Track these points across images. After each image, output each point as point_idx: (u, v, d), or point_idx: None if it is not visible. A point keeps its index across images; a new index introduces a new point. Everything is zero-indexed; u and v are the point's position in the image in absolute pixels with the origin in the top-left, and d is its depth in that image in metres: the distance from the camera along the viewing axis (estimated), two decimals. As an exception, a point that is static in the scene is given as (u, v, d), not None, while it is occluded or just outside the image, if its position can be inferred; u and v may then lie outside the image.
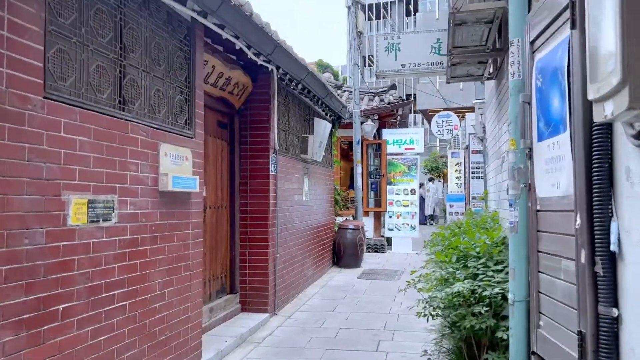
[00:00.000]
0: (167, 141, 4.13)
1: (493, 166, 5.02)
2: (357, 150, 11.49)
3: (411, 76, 5.91)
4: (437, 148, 37.98)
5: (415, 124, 32.69)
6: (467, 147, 16.09)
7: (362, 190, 12.45)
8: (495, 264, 3.70)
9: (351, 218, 11.85)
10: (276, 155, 6.70)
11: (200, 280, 4.68)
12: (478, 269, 3.67)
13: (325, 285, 8.57)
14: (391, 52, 6.69)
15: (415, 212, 12.82)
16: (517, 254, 3.03)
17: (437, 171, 24.29)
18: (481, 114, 10.28)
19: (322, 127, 8.13)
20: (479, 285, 3.49)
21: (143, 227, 3.78)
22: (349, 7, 11.46)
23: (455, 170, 20.81)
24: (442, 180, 26.14)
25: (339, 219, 11.42)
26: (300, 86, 7.50)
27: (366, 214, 12.96)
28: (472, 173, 15.18)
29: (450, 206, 20.57)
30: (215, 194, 6.06)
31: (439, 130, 16.50)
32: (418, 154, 13.08)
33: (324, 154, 8.67)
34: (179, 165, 4.23)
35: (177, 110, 4.37)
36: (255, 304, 6.47)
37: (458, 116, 16.73)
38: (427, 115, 35.89)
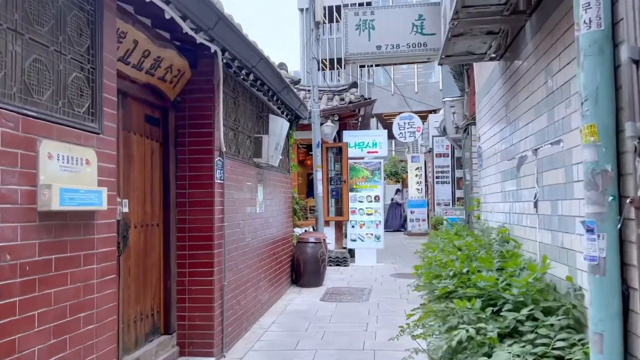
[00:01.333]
0: (54, 137, 2.80)
1: (496, 170, 3.93)
2: (316, 154, 10.31)
3: (388, 61, 4.92)
4: (393, 152, 37.36)
5: (377, 128, 31.95)
6: (430, 150, 15.22)
7: (324, 198, 11.27)
8: (544, 314, 2.52)
9: (311, 229, 10.65)
10: (222, 159, 5.43)
11: (112, 333, 3.35)
12: (523, 324, 2.49)
13: (284, 312, 7.31)
14: (364, 30, 5.57)
15: (380, 221, 11.75)
16: (606, 310, 1.90)
17: (396, 176, 23.44)
18: (453, 113, 9.31)
19: (279, 125, 6.91)
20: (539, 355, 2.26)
21: (8, 269, 2.45)
22: (301, 10, 10.30)
23: (416, 175, 20.01)
24: (400, 185, 25.35)
25: (298, 230, 10.20)
26: (252, 76, 6.25)
27: (327, 223, 11.79)
28: (437, 178, 14.31)
29: (412, 212, 19.75)
30: (143, 209, 4.72)
31: (400, 133, 15.57)
32: (382, 158, 12.02)
33: (280, 157, 7.44)
34: (75, 173, 2.91)
35: (74, 94, 3.04)
36: (197, 346, 5.15)
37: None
38: (382, 119, 35.28)
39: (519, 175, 3.41)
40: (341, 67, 43.35)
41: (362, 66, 41.25)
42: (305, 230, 10.42)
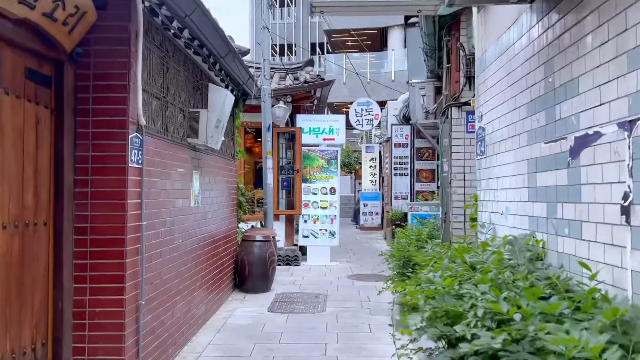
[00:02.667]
0: None
1: (515, 157, 2.78)
2: (267, 139, 8.99)
3: (366, 11, 3.80)
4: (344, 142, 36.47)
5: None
6: (388, 140, 14.19)
7: (274, 189, 9.97)
8: None
9: (259, 225, 9.34)
10: (142, 135, 4.05)
11: None
12: None
13: (224, 328, 6.00)
14: (335, -32, 4.32)
15: (335, 216, 10.58)
16: None
17: (349, 167, 22.36)
18: (423, 96, 8.22)
19: (221, 98, 5.56)
20: None
21: None
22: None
23: (370, 167, 18.99)
24: (353, 177, 24.33)
25: (243, 225, 8.87)
26: (186, 33, 4.88)
27: (276, 218, 10.51)
28: (395, 169, 13.29)
29: (364, 205, 18.73)
30: (19, 202, 3.30)
31: (357, 120, 14.46)
32: (339, 146, 10.84)
33: (222, 139, 6.09)
34: None
35: None
36: (101, 388, 3.79)
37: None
38: (334, 109, 34.15)
39: (577, 163, 2.27)
40: (292, 54, 41.89)
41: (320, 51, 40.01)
42: (252, 227, 9.11)
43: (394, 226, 12.88)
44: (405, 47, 36.68)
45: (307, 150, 10.69)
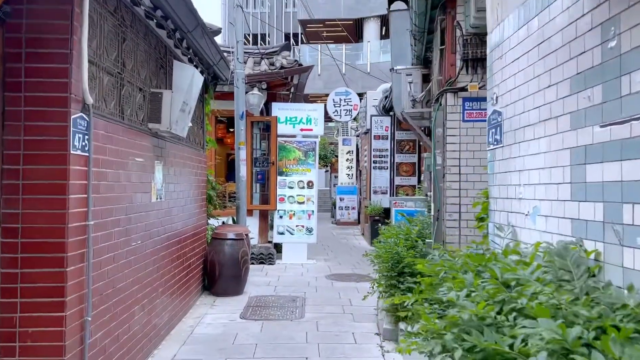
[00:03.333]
0: None
1: (548, 145, 2.19)
2: (240, 127, 8.28)
3: None
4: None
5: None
6: (367, 132, 13.62)
7: (247, 182, 9.27)
8: None
9: (231, 222, 8.64)
10: (88, 117, 3.34)
11: None
12: None
13: (191, 338, 5.31)
14: None
15: (313, 211, 9.95)
16: None
17: (325, 160, 21.73)
18: (410, 83, 7.63)
19: (188, 77, 4.85)
20: None
21: None
22: None
23: (347, 160, 18.41)
24: (329, 170, 23.74)
25: (214, 222, 8.16)
26: (147, 0, 4.16)
27: (250, 213, 9.82)
28: (374, 162, 12.73)
29: (341, 200, 18.15)
30: None
31: (335, 111, 13.83)
32: (317, 137, 10.20)
33: (190, 125, 5.38)
34: None
35: None
36: None
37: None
38: (308, 101, 33.47)
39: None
40: (265, 44, 40.98)
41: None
42: (223, 223, 8.41)
43: (373, 222, 12.33)
44: (381, 38, 36.24)
45: (283, 141, 10.02)
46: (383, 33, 36.60)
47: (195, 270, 6.74)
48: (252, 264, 9.42)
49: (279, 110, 10.02)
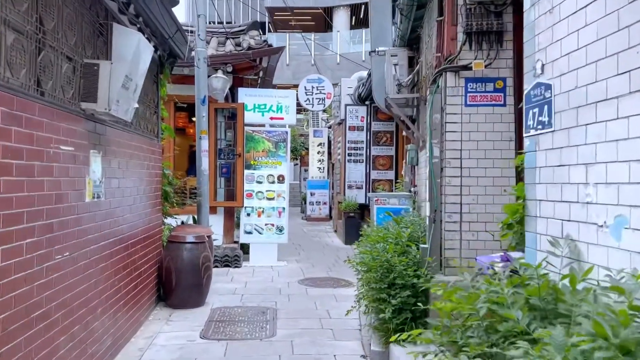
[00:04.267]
0: None
1: (636, 128, 1.28)
2: (201, 114, 7.29)
3: None
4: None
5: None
6: (341, 123, 12.77)
7: (210, 176, 8.29)
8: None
9: (191, 221, 7.64)
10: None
11: None
12: None
13: (138, 368, 4.36)
14: None
15: (284, 208, 9.04)
16: None
17: (294, 153, 20.80)
18: (395, 65, 6.79)
19: (133, 45, 3.87)
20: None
21: None
22: None
23: (318, 152, 17.54)
24: (299, 163, 22.83)
25: (172, 221, 7.17)
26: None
27: (213, 210, 8.85)
28: (349, 155, 11.88)
29: (311, 194, 17.28)
30: None
31: (307, 100, 12.93)
32: (289, 126, 9.28)
33: (136, 106, 4.37)
34: None
35: None
36: None
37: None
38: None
39: None
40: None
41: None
42: (183, 223, 7.41)
43: (347, 218, 11.51)
44: (351, 28, 35.43)
45: (251, 130, 9.06)
46: (353, 23, 35.82)
47: (148, 279, 5.76)
48: (216, 266, 8.46)
49: (246, 96, 9.05)
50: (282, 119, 9.16)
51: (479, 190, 4.56)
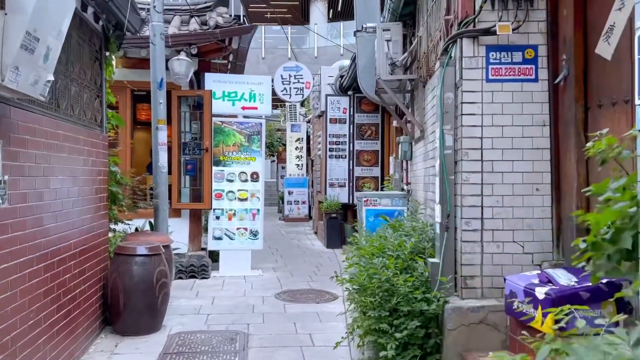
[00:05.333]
0: None
1: None
2: (158, 100, 6.16)
3: None
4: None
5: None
6: (321, 115, 11.73)
7: (173, 174, 7.18)
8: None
9: (148, 227, 6.50)
10: None
11: None
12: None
13: None
14: None
15: (258, 210, 7.97)
16: None
17: (271, 149, 19.67)
18: (388, 41, 5.76)
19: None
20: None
21: None
22: None
23: (296, 148, 16.48)
24: (275, 160, 21.71)
25: (123, 228, 6.05)
26: None
27: (177, 213, 7.75)
28: (330, 150, 10.85)
29: (289, 193, 16.22)
30: None
31: (284, 90, 11.87)
32: (264, 117, 8.22)
33: (51, 79, 3.23)
34: None
35: None
36: None
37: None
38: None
39: None
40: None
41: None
42: (137, 230, 6.28)
43: (329, 219, 10.49)
44: (329, 21, 34.41)
45: (220, 122, 7.96)
46: (330, 16, 34.80)
47: (88, 302, 4.64)
48: (180, 278, 7.37)
49: (215, 82, 7.94)
50: (255, 108, 8.07)
51: (505, 189, 3.57)
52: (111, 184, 5.33)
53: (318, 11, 34.14)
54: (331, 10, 34.76)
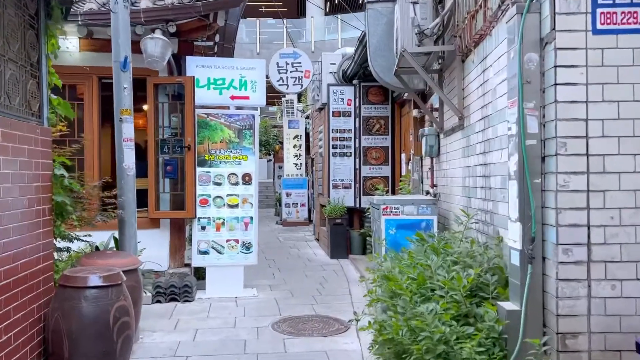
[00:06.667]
0: None
1: None
2: (122, 85, 4.87)
3: None
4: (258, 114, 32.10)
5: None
6: (322, 108, 10.48)
7: (150, 177, 5.92)
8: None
9: (112, 244, 5.20)
10: None
11: None
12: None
13: None
14: None
15: (252, 218, 6.71)
16: None
17: (267, 147, 18.37)
18: (414, 2, 4.51)
19: None
20: None
21: None
22: None
23: (294, 146, 15.23)
24: (272, 159, 20.45)
25: (75, 245, 4.79)
26: None
27: (155, 223, 6.51)
28: (333, 147, 9.61)
29: (287, 195, 14.97)
30: None
31: (280, 79, 10.61)
32: (257, 108, 6.97)
33: None
34: None
35: None
36: None
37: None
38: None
39: None
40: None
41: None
42: (97, 248, 5.00)
43: (334, 226, 9.23)
44: (326, 14, 33.14)
45: (205, 114, 6.71)
46: (327, 9, 33.53)
47: (19, 352, 3.37)
48: (159, 302, 6.13)
49: (198, 68, 6.68)
50: (247, 98, 6.81)
51: (624, 199, 2.34)
52: (56, 191, 4.06)
53: (315, 3, 32.88)
54: (328, 3, 33.51)
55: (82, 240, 4.79)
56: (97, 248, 4.95)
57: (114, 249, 5.09)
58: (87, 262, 4.29)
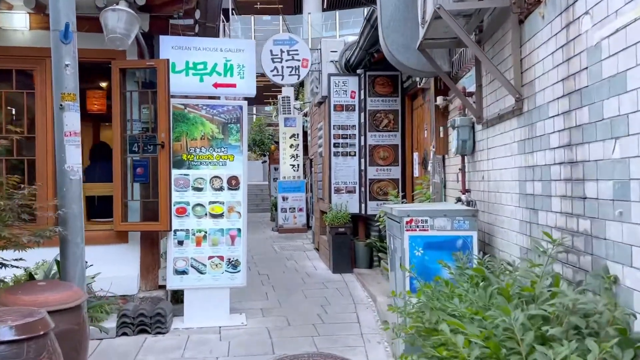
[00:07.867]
0: None
1: None
2: (62, 61, 3.70)
3: None
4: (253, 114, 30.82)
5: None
6: (322, 102, 9.37)
7: (115, 181, 4.78)
8: None
9: (55, 270, 4.03)
10: None
11: None
12: None
13: None
14: None
15: (239, 230, 5.57)
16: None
17: (262, 147, 17.18)
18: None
19: None
20: None
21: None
22: None
23: (291, 146, 14.10)
24: (267, 160, 19.26)
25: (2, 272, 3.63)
26: None
27: (122, 237, 5.38)
28: (335, 146, 8.48)
29: (284, 199, 13.82)
30: None
31: (274, 69, 9.50)
32: (245, 97, 5.84)
33: None
34: None
35: None
36: None
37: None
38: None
39: None
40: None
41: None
42: (31, 276, 3.84)
43: (336, 235, 8.09)
44: (323, 10, 32.02)
45: (183, 105, 5.57)
46: (325, 6, 32.43)
47: None
48: (125, 334, 4.99)
49: (174, 49, 5.55)
50: (233, 85, 5.68)
51: None
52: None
53: (312, 0, 31.79)
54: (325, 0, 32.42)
55: (13, 266, 3.63)
56: (31, 276, 3.79)
57: (58, 276, 3.93)
58: (8, 299, 3.14)
